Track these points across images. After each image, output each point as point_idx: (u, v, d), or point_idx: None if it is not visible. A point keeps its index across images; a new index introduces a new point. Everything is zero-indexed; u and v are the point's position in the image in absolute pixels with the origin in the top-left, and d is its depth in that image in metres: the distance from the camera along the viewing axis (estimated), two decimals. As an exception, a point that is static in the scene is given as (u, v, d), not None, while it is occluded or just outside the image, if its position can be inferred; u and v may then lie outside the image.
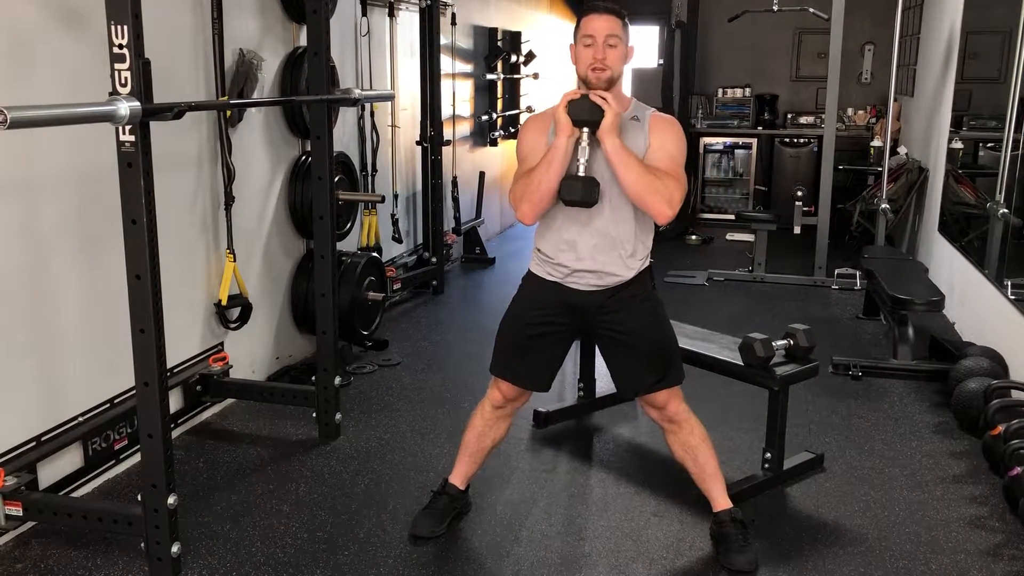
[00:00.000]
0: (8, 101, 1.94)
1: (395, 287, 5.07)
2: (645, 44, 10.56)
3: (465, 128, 6.78)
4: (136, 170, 2.22)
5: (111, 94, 2.16)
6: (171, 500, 2.42)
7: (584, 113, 2.37)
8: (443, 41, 5.78)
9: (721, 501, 2.70)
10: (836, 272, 6.06)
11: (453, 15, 6.04)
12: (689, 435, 2.69)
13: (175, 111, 2.26)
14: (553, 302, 2.60)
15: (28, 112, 1.96)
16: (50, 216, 2.77)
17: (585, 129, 2.40)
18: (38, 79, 2.68)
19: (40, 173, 2.72)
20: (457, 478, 2.81)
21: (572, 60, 2.51)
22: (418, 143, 5.67)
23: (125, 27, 2.13)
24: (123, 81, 2.16)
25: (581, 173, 2.41)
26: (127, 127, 2.18)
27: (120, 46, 2.14)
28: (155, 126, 2.25)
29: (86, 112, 2.14)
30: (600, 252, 2.52)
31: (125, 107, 2.13)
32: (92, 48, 2.71)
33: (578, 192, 2.40)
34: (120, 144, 2.21)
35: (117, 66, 2.16)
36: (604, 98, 2.38)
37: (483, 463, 2.84)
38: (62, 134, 2.67)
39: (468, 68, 6.73)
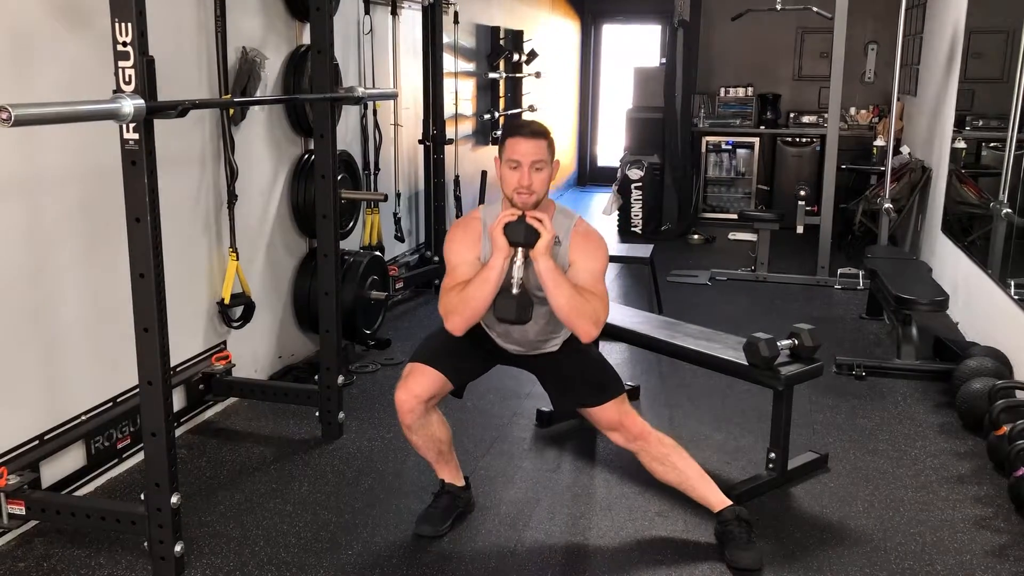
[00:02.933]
0: (12, 99, 1.94)
1: (397, 286, 5.07)
2: (647, 43, 10.58)
3: (467, 127, 6.77)
4: (140, 168, 2.21)
5: (115, 92, 2.16)
6: (174, 499, 2.41)
7: (520, 236, 2.43)
8: (446, 40, 5.76)
9: (717, 502, 2.69)
10: (839, 272, 6.05)
11: (456, 14, 6.03)
12: (659, 445, 2.71)
13: (179, 109, 2.26)
14: (488, 344, 2.76)
15: (32, 110, 1.96)
16: (53, 214, 2.76)
17: (520, 249, 2.46)
18: (42, 77, 2.67)
19: (43, 171, 2.72)
20: (449, 477, 2.81)
21: (497, 175, 2.57)
22: (420, 142, 5.66)
23: (129, 25, 2.13)
24: (127, 79, 2.16)
25: (515, 291, 2.47)
26: (131, 125, 2.17)
27: (124, 44, 2.14)
28: (158, 124, 2.25)
29: (90, 110, 2.13)
30: (525, 343, 2.72)
31: (129, 105, 2.12)
32: (96, 46, 2.71)
33: (512, 311, 2.48)
34: (124, 142, 2.21)
35: (121, 64, 2.16)
36: (540, 219, 2.44)
37: (453, 452, 2.81)
38: (66, 132, 2.67)
39: (470, 67, 6.72)
